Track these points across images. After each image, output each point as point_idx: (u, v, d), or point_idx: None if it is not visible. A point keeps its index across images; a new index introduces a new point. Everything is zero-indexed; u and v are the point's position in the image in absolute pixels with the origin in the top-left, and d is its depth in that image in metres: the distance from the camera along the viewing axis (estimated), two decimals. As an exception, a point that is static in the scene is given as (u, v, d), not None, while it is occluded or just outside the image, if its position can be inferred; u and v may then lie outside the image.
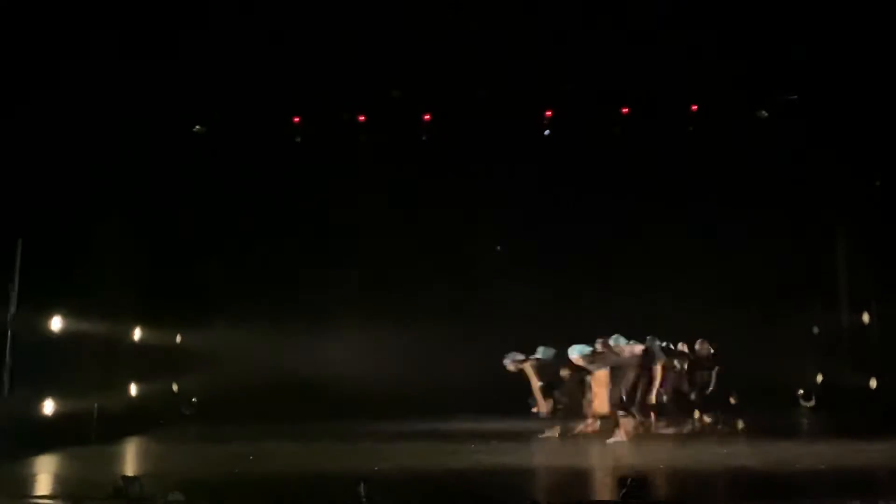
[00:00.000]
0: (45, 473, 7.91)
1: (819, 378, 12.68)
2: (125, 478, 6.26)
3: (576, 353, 9.87)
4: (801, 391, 12.93)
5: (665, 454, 8.68)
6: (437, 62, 11.94)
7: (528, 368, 10.34)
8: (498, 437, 10.11)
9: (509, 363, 10.51)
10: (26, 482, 7.25)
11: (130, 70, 11.31)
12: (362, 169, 14.13)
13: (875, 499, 6.23)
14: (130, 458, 9.38)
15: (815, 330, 12.82)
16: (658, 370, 9.81)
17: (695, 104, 13.06)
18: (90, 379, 10.83)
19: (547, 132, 13.55)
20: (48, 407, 10.01)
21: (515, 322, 14.08)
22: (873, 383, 11.52)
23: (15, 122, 10.08)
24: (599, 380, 9.75)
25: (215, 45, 11.69)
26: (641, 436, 9.77)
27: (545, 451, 9.23)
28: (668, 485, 6.78)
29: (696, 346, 11.04)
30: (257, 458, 8.87)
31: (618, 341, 10.09)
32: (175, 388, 13.01)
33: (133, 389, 12.15)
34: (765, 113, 12.88)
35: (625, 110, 13.28)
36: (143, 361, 12.31)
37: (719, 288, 13.78)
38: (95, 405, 10.85)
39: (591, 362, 9.73)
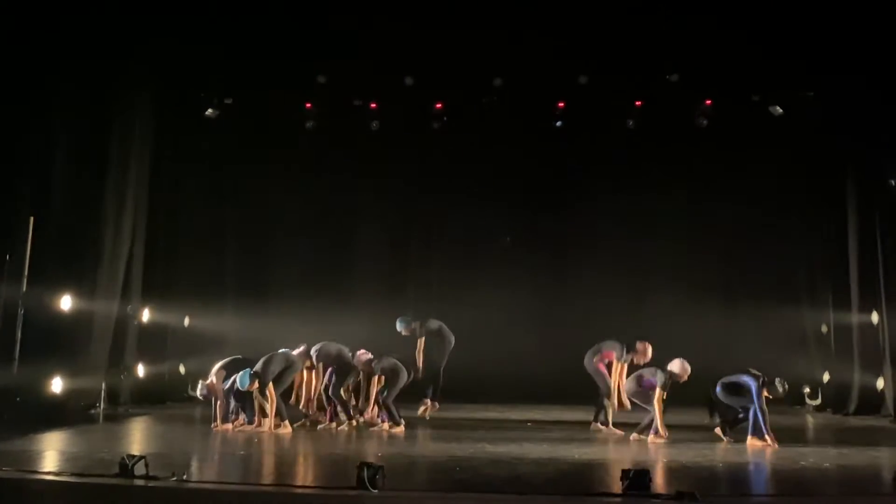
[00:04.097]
0: (52, 450, 7.96)
1: (826, 377, 12.63)
2: (130, 456, 6.30)
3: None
4: (808, 389, 12.89)
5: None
6: (451, 50, 11.92)
7: None
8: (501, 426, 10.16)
9: None
10: (34, 458, 7.31)
11: (141, 52, 11.34)
12: (373, 155, 14.14)
13: (876, 498, 6.24)
14: (136, 438, 9.44)
15: (824, 328, 12.77)
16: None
17: (709, 99, 13.00)
18: (98, 358, 10.90)
19: (559, 123, 13.50)
20: (56, 384, 10.08)
21: (519, 313, 14.14)
22: (880, 383, 11.47)
23: (28, 102, 10.15)
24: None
25: (228, 30, 11.71)
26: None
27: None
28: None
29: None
30: (262, 439, 8.93)
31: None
32: (182, 369, 13.08)
33: (141, 370, 12.23)
34: (779, 109, 12.81)
35: (638, 103, 13.23)
36: (152, 342, 12.38)
37: (728, 285, 13.75)
38: (103, 384, 10.92)
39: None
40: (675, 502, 5.77)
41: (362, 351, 10.02)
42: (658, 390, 8.97)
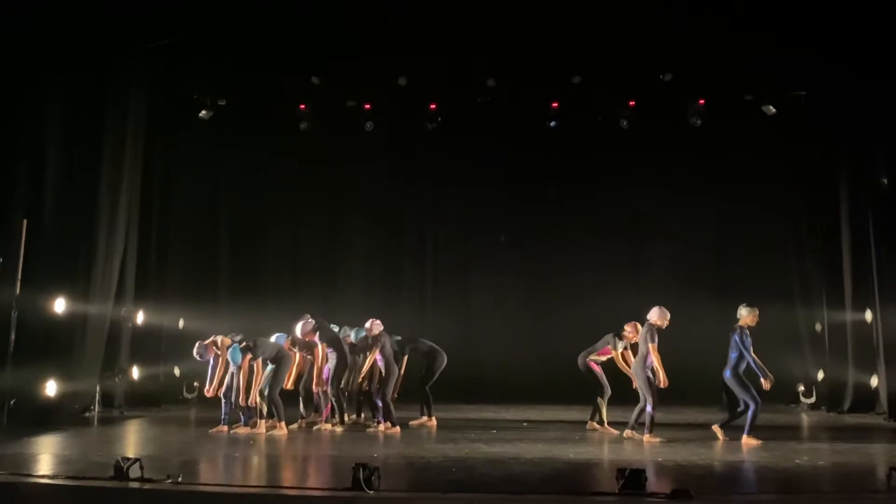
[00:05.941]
0: (46, 453, 7.94)
1: (820, 375, 12.67)
2: (125, 459, 6.29)
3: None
4: (802, 387, 12.93)
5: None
6: (445, 51, 11.92)
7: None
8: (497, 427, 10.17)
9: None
10: (28, 461, 7.29)
11: (135, 53, 11.31)
12: (367, 155, 14.15)
13: (871, 495, 6.26)
14: (131, 440, 9.42)
15: (818, 327, 12.80)
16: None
17: (702, 98, 13.03)
18: (92, 361, 10.87)
19: (553, 123, 13.52)
20: (51, 387, 10.06)
21: (513, 312, 14.15)
22: (874, 381, 11.51)
23: (22, 104, 10.13)
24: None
25: (223, 32, 11.69)
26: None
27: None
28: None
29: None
30: (257, 441, 8.92)
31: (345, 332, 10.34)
32: (177, 371, 13.06)
33: (135, 372, 12.20)
34: (772, 108, 12.85)
35: (631, 103, 13.25)
36: (146, 344, 12.36)
37: (722, 283, 13.77)
38: (97, 387, 10.89)
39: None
40: (670, 501, 5.80)
41: (372, 321, 10.05)
42: (650, 345, 9.04)
